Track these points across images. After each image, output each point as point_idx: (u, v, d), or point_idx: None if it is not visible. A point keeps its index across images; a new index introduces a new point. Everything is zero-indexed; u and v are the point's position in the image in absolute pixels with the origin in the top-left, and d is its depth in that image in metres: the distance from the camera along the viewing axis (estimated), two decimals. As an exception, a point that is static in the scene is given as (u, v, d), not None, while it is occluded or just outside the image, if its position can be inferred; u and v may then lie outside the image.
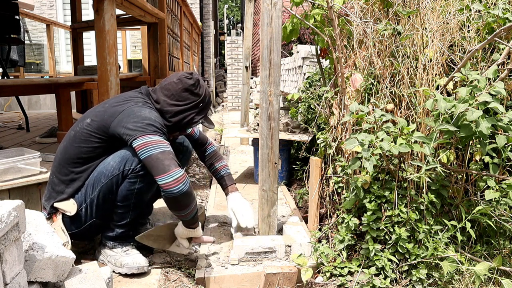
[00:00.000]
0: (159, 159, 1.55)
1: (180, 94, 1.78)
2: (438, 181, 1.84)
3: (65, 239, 1.67)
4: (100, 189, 1.71)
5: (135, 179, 1.69)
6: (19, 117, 4.91)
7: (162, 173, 1.55)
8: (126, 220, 1.78)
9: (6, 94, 2.94)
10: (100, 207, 1.74)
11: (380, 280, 1.74)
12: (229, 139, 5.43)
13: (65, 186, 1.74)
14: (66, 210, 1.72)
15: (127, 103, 1.73)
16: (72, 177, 1.74)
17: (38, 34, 9.08)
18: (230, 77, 9.96)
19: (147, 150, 1.57)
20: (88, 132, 1.71)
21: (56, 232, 1.65)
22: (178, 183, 1.55)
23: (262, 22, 1.91)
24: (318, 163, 2.17)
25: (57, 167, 1.76)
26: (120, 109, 1.69)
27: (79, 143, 1.72)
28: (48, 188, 1.79)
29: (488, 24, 1.88)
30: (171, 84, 1.80)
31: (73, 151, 1.72)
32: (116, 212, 1.76)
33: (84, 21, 4.33)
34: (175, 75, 1.82)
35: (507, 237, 1.90)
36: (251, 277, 1.84)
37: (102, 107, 1.76)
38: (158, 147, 1.58)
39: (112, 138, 1.69)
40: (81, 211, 1.74)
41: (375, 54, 2.03)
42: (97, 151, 1.73)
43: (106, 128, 1.68)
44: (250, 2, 4.37)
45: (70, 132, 1.79)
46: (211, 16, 11.47)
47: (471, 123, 1.55)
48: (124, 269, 1.71)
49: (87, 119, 1.74)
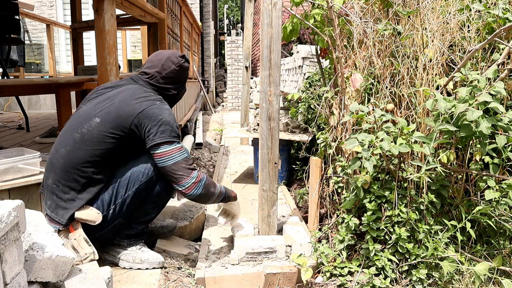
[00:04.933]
0: (172, 171, 1.69)
1: (182, 78, 1.93)
2: (438, 181, 1.84)
3: (90, 250, 1.59)
4: (137, 188, 1.72)
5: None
6: (19, 117, 4.91)
7: (177, 182, 1.70)
8: (151, 215, 1.84)
9: (6, 94, 2.94)
10: (131, 206, 1.74)
11: (380, 280, 1.74)
12: (229, 139, 5.43)
13: (77, 192, 1.65)
14: (90, 220, 1.63)
15: (145, 99, 1.73)
16: (84, 182, 1.65)
17: (38, 34, 9.08)
18: (230, 77, 9.95)
19: (163, 159, 1.69)
20: (101, 132, 1.65)
21: (78, 242, 1.60)
22: (191, 190, 1.71)
23: (262, 22, 1.91)
24: (318, 163, 2.17)
25: (62, 175, 1.65)
26: (138, 108, 1.68)
27: (91, 146, 1.65)
28: (52, 197, 1.67)
29: (488, 24, 1.88)
30: (173, 72, 1.87)
31: (82, 154, 1.65)
32: (143, 209, 1.79)
33: (84, 21, 4.32)
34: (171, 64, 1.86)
35: (507, 237, 1.90)
36: (251, 277, 1.84)
37: (109, 102, 1.71)
38: (174, 157, 1.69)
39: (131, 135, 1.69)
40: (106, 214, 1.69)
41: (375, 54, 2.03)
42: (113, 151, 1.68)
43: (125, 127, 1.67)
44: (250, 2, 4.37)
45: (72, 135, 1.69)
46: (211, 16, 11.48)
47: (471, 123, 1.55)
48: (145, 264, 1.76)
49: (95, 118, 1.67)
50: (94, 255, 1.60)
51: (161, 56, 1.88)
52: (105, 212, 1.69)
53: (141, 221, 1.83)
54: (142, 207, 1.79)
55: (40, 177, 2.02)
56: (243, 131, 3.55)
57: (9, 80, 2.93)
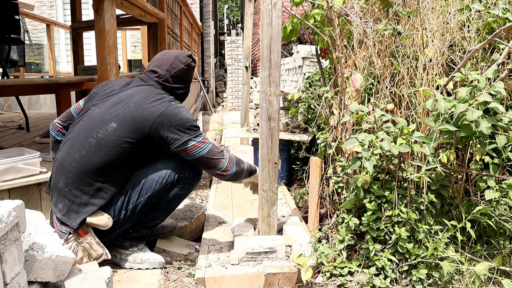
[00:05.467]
0: (208, 158, 1.78)
1: (190, 77, 1.96)
2: (438, 181, 1.84)
3: (101, 251, 1.64)
4: (150, 195, 1.73)
5: (185, 185, 1.83)
6: (19, 117, 4.91)
7: (215, 166, 1.81)
8: (158, 221, 1.88)
9: (6, 94, 2.94)
10: (141, 212, 1.76)
11: (380, 280, 1.74)
12: (229, 139, 5.43)
13: (90, 196, 1.64)
14: (101, 225, 1.64)
15: (160, 100, 1.74)
16: (98, 186, 1.65)
17: (38, 34, 9.08)
18: (230, 77, 9.95)
19: (196, 151, 1.76)
20: (118, 138, 1.64)
21: (90, 246, 1.63)
22: (228, 169, 1.84)
23: (262, 22, 1.91)
24: (318, 163, 2.17)
25: (76, 178, 1.64)
26: (156, 111, 1.68)
27: (107, 151, 1.64)
28: (64, 201, 1.65)
29: (488, 24, 1.88)
30: (181, 71, 1.89)
31: (98, 159, 1.63)
32: (151, 215, 1.82)
33: (84, 21, 4.33)
34: (179, 63, 1.87)
35: (507, 237, 1.90)
36: (251, 277, 1.84)
37: (124, 105, 1.70)
38: (205, 147, 1.77)
39: (149, 139, 1.69)
40: (117, 219, 1.70)
41: (375, 54, 2.03)
42: (129, 156, 1.68)
43: (144, 131, 1.66)
44: (250, 2, 4.37)
45: (87, 139, 1.67)
46: (211, 16, 11.48)
47: (471, 123, 1.55)
48: (146, 264, 1.78)
49: (111, 123, 1.66)
50: (107, 256, 1.66)
51: (170, 55, 1.88)
52: (116, 218, 1.70)
53: (147, 226, 1.85)
54: (151, 213, 1.82)
55: (40, 177, 2.02)
56: (243, 131, 3.55)
57: (9, 80, 2.93)
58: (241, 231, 2.07)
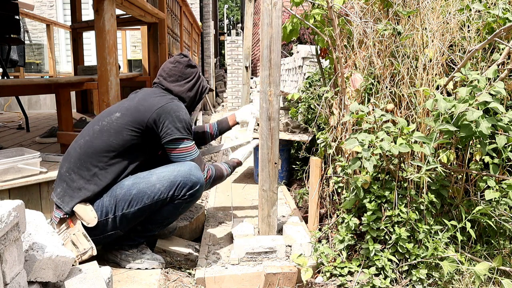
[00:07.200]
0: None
1: (184, 72, 1.96)
2: (438, 181, 1.84)
3: (88, 245, 1.61)
4: (140, 208, 1.70)
5: (181, 204, 1.78)
6: (19, 117, 4.91)
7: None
8: (154, 232, 1.86)
9: (6, 94, 2.94)
10: (132, 222, 1.73)
11: (380, 280, 1.74)
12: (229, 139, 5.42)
13: (85, 181, 1.67)
14: (85, 220, 1.64)
15: (163, 97, 1.83)
16: (94, 172, 1.68)
17: (38, 34, 9.08)
18: (230, 77, 9.95)
19: (182, 154, 1.80)
20: (120, 125, 1.72)
21: (77, 237, 1.62)
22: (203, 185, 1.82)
23: (262, 22, 1.91)
24: (318, 163, 2.17)
25: (76, 163, 1.70)
26: (157, 104, 1.76)
27: (108, 136, 1.71)
28: (62, 185, 1.70)
29: (488, 24, 1.88)
30: (172, 70, 1.95)
31: (99, 145, 1.70)
32: (146, 226, 1.81)
33: (84, 21, 4.33)
34: (169, 63, 1.97)
35: (507, 237, 1.90)
36: (251, 277, 1.84)
37: (131, 102, 1.80)
38: (188, 155, 1.81)
39: (147, 131, 1.74)
40: (104, 221, 1.68)
41: (375, 54, 2.03)
42: (127, 145, 1.72)
43: (143, 121, 1.73)
44: (250, 2, 4.37)
45: (92, 127, 1.76)
46: (211, 16, 11.47)
47: (471, 123, 1.55)
48: (145, 264, 1.78)
49: (116, 113, 1.76)
50: (93, 251, 1.61)
51: (162, 65, 2.02)
52: (103, 219, 1.68)
53: (143, 236, 1.84)
54: (146, 225, 1.81)
55: (40, 177, 2.02)
56: (243, 131, 3.55)
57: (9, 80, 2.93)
58: (241, 231, 2.07)
